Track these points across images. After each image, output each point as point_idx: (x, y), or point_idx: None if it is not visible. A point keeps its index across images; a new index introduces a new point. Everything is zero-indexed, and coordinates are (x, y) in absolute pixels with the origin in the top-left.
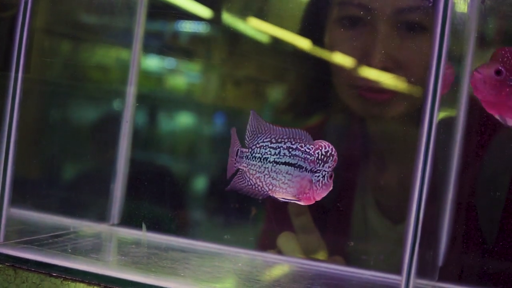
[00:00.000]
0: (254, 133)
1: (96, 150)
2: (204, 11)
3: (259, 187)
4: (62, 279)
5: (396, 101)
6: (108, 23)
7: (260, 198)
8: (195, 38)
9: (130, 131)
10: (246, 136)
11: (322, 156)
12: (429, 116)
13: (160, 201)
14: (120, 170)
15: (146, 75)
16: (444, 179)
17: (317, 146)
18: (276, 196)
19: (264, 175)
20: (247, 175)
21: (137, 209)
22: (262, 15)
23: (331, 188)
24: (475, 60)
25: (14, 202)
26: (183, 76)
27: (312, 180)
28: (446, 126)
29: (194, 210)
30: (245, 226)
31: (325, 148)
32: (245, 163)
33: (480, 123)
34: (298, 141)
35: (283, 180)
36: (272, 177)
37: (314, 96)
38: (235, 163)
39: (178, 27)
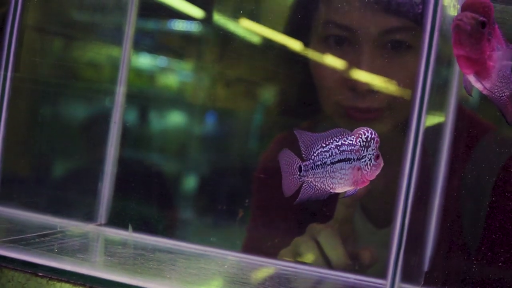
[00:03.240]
0: (307, 145)
1: (85, 149)
2: (196, 11)
3: (323, 190)
4: (48, 279)
5: (383, 119)
6: (99, 22)
7: (325, 197)
8: (186, 38)
9: (119, 130)
10: (302, 152)
11: (364, 143)
12: (416, 121)
13: (148, 201)
14: (108, 169)
15: (137, 73)
16: (430, 184)
17: (357, 135)
18: (337, 192)
19: (326, 178)
20: (312, 184)
21: (125, 209)
22: (253, 17)
23: (382, 165)
24: None
25: (1, 200)
26: (174, 75)
27: (360, 167)
28: (434, 131)
29: (182, 211)
30: (232, 228)
31: (365, 135)
32: (311, 174)
33: (468, 128)
34: (340, 137)
35: (340, 177)
36: (331, 177)
37: (305, 98)
38: (300, 179)
39: (170, 27)
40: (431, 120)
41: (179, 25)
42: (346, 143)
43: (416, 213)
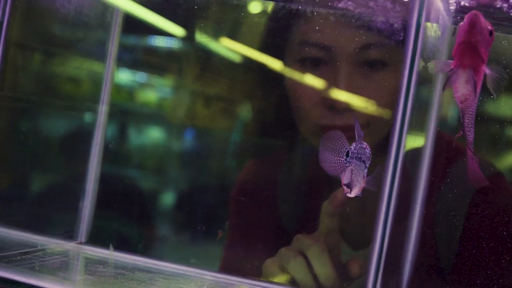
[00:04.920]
0: (359, 137)
1: (66, 167)
2: (178, 30)
3: (355, 185)
4: None
5: None
6: (82, 38)
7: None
8: (167, 55)
9: (100, 148)
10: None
11: (369, 154)
12: (397, 144)
13: (128, 220)
14: (90, 187)
15: (118, 90)
16: (409, 207)
17: (365, 146)
18: (355, 190)
19: (360, 173)
20: (350, 175)
21: (105, 227)
22: (234, 36)
23: None
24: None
25: None
26: (155, 91)
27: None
28: (413, 155)
29: (161, 230)
30: (211, 248)
31: (368, 147)
32: (354, 163)
33: (446, 152)
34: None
35: (363, 177)
36: (360, 175)
37: (283, 120)
38: (345, 164)
39: (151, 44)
40: (411, 143)
41: (161, 43)
42: (368, 149)
43: (395, 235)
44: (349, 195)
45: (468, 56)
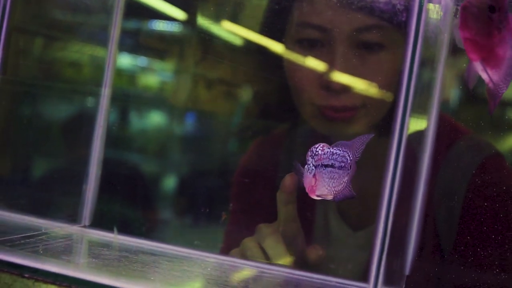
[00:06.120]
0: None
1: (69, 151)
2: (179, 13)
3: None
4: (34, 280)
5: (358, 119)
6: (85, 23)
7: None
8: (169, 39)
9: (103, 132)
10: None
11: None
12: (400, 125)
13: (131, 203)
14: (93, 171)
15: (122, 75)
16: (412, 188)
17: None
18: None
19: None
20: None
21: (109, 211)
22: (235, 20)
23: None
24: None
25: None
26: (155, 75)
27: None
28: (417, 135)
29: (165, 213)
30: (215, 230)
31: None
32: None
33: (446, 133)
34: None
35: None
36: None
37: (284, 102)
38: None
39: (153, 28)
40: (414, 124)
41: (163, 27)
42: None
43: (399, 216)
44: (314, 197)
45: (472, 52)
